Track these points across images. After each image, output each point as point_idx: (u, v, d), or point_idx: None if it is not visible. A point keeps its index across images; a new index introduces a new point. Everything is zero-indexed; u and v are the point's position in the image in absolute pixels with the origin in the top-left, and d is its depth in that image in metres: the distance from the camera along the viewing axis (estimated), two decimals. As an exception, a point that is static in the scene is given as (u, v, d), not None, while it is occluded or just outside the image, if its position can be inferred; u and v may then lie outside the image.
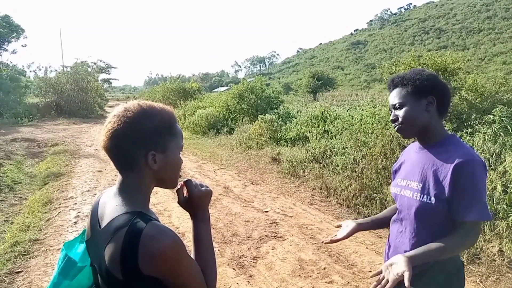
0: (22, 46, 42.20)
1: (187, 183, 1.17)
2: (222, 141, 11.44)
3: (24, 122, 17.72)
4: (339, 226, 1.80)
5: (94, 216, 1.07)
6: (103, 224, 1.00)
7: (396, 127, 1.54)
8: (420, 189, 1.47)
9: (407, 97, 1.50)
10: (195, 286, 1.03)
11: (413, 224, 1.51)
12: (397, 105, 1.52)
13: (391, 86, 1.59)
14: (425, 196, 1.44)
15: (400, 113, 1.50)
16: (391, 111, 1.56)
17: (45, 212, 5.10)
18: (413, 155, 1.61)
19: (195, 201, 1.17)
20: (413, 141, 1.70)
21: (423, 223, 1.48)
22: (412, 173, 1.55)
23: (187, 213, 1.19)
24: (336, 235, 1.75)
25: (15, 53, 23.07)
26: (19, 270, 3.49)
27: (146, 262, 0.91)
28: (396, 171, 1.73)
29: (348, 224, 1.77)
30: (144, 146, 1.01)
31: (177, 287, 0.99)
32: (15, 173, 7.41)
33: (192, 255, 1.12)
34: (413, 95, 1.49)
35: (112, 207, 1.01)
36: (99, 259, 0.97)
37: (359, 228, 1.76)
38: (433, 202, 1.42)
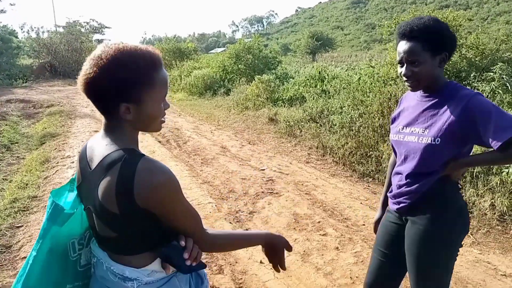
0: (11, 4, 40.64)
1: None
2: (219, 102, 11.35)
3: (18, 84, 17.47)
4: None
5: (83, 160, 1.06)
6: (94, 165, 0.99)
7: (409, 84, 1.54)
8: (425, 133, 1.50)
9: (423, 54, 1.47)
10: (190, 225, 1.03)
11: (415, 162, 1.54)
12: (414, 61, 1.49)
13: (402, 35, 1.53)
14: (431, 138, 1.47)
15: (416, 69, 1.49)
16: (401, 63, 1.54)
17: (43, 171, 5.13)
18: (414, 102, 1.62)
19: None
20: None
21: (425, 162, 1.51)
22: (415, 120, 1.57)
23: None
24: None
25: (4, 12, 22.21)
26: (20, 225, 3.55)
27: (142, 195, 0.91)
28: (395, 119, 1.74)
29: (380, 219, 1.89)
30: (116, 96, 0.96)
31: (172, 223, 1.00)
32: (11, 133, 7.38)
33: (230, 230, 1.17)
34: (429, 51, 1.47)
35: (101, 147, 1.00)
36: (93, 199, 0.97)
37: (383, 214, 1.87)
38: (438, 143, 1.45)
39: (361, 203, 4.18)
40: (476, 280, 2.77)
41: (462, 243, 1.60)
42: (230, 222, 3.71)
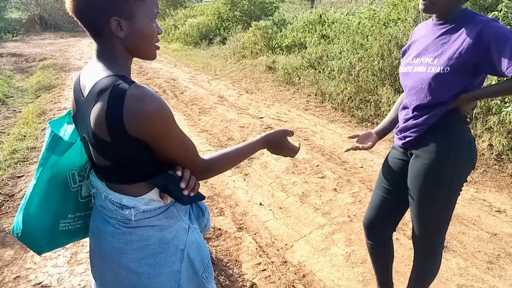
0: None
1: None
2: (215, 51, 11.05)
3: (8, 38, 16.93)
4: (355, 136, 1.78)
5: (77, 89, 1.03)
6: (86, 92, 0.96)
7: (425, 4, 1.46)
8: (434, 62, 1.44)
9: None
10: (185, 154, 1.01)
11: (423, 94, 1.49)
12: None
13: None
14: (439, 67, 1.42)
15: None
16: None
17: (40, 123, 5.10)
18: (425, 31, 1.55)
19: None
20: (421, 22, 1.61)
21: (433, 93, 1.46)
22: (425, 50, 1.51)
23: None
24: (355, 144, 1.74)
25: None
26: (20, 175, 3.58)
27: (131, 123, 0.88)
28: (405, 52, 1.67)
29: (368, 136, 1.76)
30: (106, 11, 0.91)
31: (164, 152, 0.98)
32: (5, 87, 7.25)
33: (228, 148, 1.12)
34: None
35: (93, 74, 0.96)
36: (86, 127, 0.94)
37: (379, 137, 1.77)
38: (446, 72, 1.40)
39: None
40: (471, 216, 2.84)
41: (468, 178, 1.57)
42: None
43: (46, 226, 1.05)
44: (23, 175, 3.57)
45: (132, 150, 0.93)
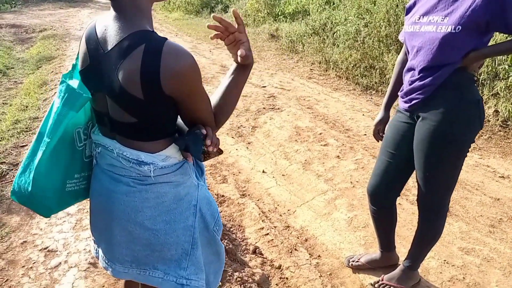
0: None
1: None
2: (217, 20, 10.82)
3: (6, 9, 16.60)
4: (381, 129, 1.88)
5: (93, 41, 0.96)
6: (109, 46, 0.91)
7: None
8: (445, 21, 1.38)
9: None
10: (206, 113, 1.00)
11: (431, 54, 1.44)
12: None
13: None
14: (450, 26, 1.36)
15: None
16: None
17: (41, 93, 5.07)
18: None
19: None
20: None
21: (442, 53, 1.41)
22: (433, 7, 1.44)
23: None
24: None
25: None
26: (23, 144, 3.59)
27: (168, 80, 0.87)
28: (410, 9, 1.60)
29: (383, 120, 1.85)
30: None
31: (190, 111, 0.97)
32: (6, 58, 7.17)
33: (214, 96, 1.06)
34: None
35: (116, 28, 0.91)
36: (109, 84, 0.91)
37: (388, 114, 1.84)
38: (458, 31, 1.35)
39: (363, 114, 4.15)
40: (474, 182, 2.83)
41: (472, 144, 1.54)
42: (232, 137, 3.73)
43: (56, 186, 1.04)
44: (26, 145, 3.58)
45: (163, 108, 0.93)
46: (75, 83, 1.03)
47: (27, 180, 0.98)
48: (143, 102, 0.89)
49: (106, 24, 0.95)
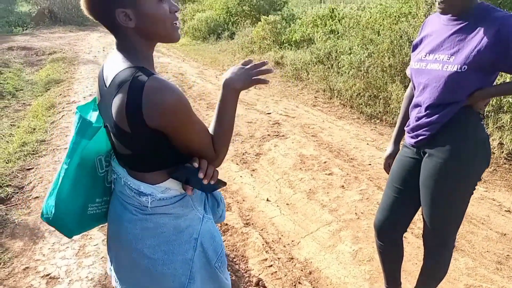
0: None
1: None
2: (223, 46, 11.02)
3: (18, 31, 17.03)
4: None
5: (101, 78, 1.05)
6: (108, 82, 0.98)
7: (443, 8, 1.44)
8: (451, 60, 1.41)
9: None
10: (200, 145, 1.02)
11: (437, 92, 1.45)
12: None
13: None
14: (456, 65, 1.38)
15: None
16: None
17: (49, 116, 5.14)
18: (439, 27, 1.51)
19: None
20: (433, 13, 1.57)
21: (448, 92, 1.43)
22: (439, 46, 1.47)
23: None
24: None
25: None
26: (30, 167, 3.62)
27: (150, 115, 0.89)
28: (416, 46, 1.63)
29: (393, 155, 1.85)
30: (110, 5, 0.93)
31: (183, 143, 0.99)
32: (15, 80, 7.31)
33: (211, 124, 1.08)
34: None
35: (114, 65, 0.99)
36: (109, 117, 0.97)
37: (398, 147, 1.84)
38: (464, 70, 1.37)
39: (367, 144, 4.16)
40: (480, 216, 2.81)
41: (482, 176, 1.54)
42: (237, 164, 3.74)
43: (76, 210, 1.09)
44: (32, 168, 3.61)
45: (151, 140, 0.95)
46: (94, 115, 1.11)
47: (51, 204, 1.05)
48: (131, 135, 0.93)
49: (110, 62, 1.02)
